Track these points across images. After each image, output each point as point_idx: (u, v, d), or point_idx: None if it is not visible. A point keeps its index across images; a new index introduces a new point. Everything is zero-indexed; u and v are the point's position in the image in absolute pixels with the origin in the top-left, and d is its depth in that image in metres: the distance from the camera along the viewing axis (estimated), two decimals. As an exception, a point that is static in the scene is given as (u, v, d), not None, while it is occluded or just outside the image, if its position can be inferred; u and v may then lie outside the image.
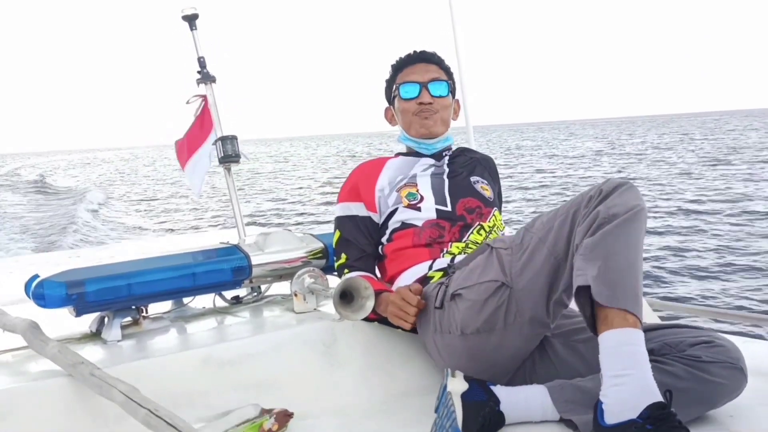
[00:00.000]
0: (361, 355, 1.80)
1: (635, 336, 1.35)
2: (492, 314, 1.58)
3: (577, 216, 1.51)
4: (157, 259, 1.93)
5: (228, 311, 2.10)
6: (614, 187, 1.48)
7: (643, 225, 1.46)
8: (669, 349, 1.50)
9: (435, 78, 2.00)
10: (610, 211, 1.44)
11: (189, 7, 2.39)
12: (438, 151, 2.04)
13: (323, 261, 2.10)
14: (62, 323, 1.90)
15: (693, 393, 1.43)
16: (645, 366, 1.33)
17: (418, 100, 1.99)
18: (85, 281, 1.74)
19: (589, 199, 1.50)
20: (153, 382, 1.54)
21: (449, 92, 2.03)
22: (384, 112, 2.14)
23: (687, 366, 1.45)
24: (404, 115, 2.03)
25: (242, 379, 1.66)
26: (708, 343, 1.49)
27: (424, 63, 2.02)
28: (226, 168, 2.35)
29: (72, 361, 1.49)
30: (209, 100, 2.39)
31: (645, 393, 1.30)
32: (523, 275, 1.57)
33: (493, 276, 1.61)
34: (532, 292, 1.56)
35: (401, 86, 2.01)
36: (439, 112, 2.00)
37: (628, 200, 1.45)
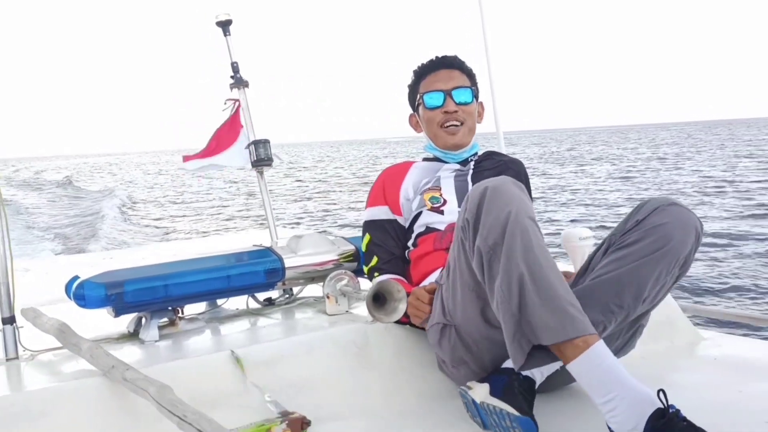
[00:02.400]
0: (393, 358, 1.81)
1: (594, 354, 1.30)
2: (453, 350, 1.65)
3: (466, 247, 1.49)
4: (193, 261, 1.96)
5: (261, 313, 2.12)
6: (478, 199, 1.43)
7: (520, 239, 1.37)
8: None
9: (459, 85, 1.98)
10: (487, 242, 1.39)
11: (223, 13, 2.44)
12: (464, 159, 2.05)
13: (355, 264, 2.12)
14: (101, 323, 1.94)
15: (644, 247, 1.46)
16: (621, 377, 1.29)
17: (443, 109, 1.97)
18: (124, 282, 1.78)
19: (464, 227, 1.48)
20: (190, 381, 1.57)
21: (473, 98, 2.01)
22: (408, 119, 2.13)
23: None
24: (429, 125, 2.02)
25: (276, 379, 1.68)
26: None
27: (446, 69, 2.00)
28: (259, 171, 2.38)
29: (105, 361, 1.52)
30: (242, 104, 2.43)
31: (639, 406, 1.26)
32: (457, 311, 1.60)
33: (437, 318, 1.68)
34: (471, 323, 1.58)
35: (425, 95, 1.99)
36: (466, 122, 1.99)
37: (498, 210, 1.39)
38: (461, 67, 2.03)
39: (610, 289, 1.48)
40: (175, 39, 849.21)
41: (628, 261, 1.48)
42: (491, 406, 1.44)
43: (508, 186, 1.43)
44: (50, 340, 1.77)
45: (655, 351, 1.99)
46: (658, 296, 1.53)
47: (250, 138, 2.38)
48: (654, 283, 1.48)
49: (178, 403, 1.27)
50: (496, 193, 1.42)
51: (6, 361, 1.72)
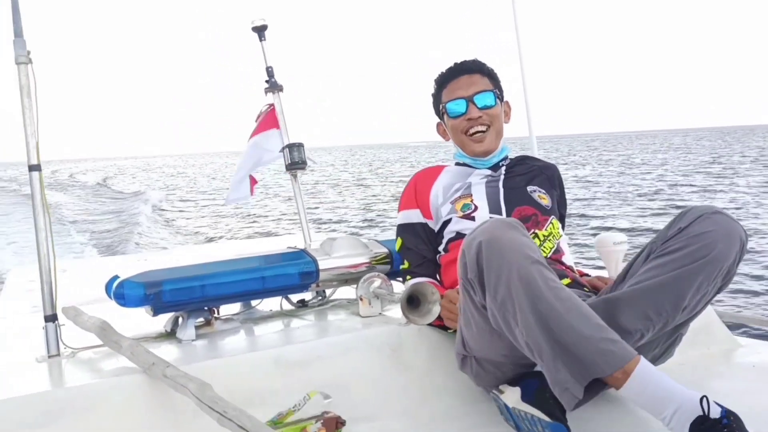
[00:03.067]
0: (426, 360, 1.82)
1: (637, 380, 1.29)
2: (476, 377, 1.65)
3: (475, 300, 1.47)
4: (229, 262, 1.99)
5: (294, 314, 2.15)
6: (475, 256, 1.40)
7: (527, 272, 1.34)
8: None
9: (479, 90, 1.96)
10: (496, 300, 1.36)
11: (258, 18, 2.47)
12: (494, 163, 2.03)
13: (388, 266, 2.13)
14: (138, 323, 1.98)
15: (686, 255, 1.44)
16: (667, 392, 1.28)
17: (466, 116, 1.96)
18: (162, 282, 1.82)
19: (470, 284, 1.45)
20: (226, 380, 1.59)
21: (496, 100, 1.99)
22: (436, 127, 2.12)
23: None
24: (455, 133, 2.01)
25: (311, 380, 1.69)
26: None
27: (466, 75, 1.99)
28: (293, 174, 2.41)
29: (145, 358, 1.55)
30: (276, 108, 2.46)
31: (685, 419, 1.26)
32: (475, 345, 1.59)
33: (457, 349, 1.68)
34: (491, 355, 1.56)
35: (447, 104, 1.98)
36: (492, 126, 1.97)
37: (498, 265, 1.36)
38: (481, 69, 2.01)
39: (649, 297, 1.46)
40: (205, 44, 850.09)
41: (669, 269, 1.46)
42: (523, 412, 1.44)
43: (501, 232, 1.39)
44: (90, 338, 1.81)
45: (691, 358, 1.97)
46: (699, 306, 1.51)
47: (285, 141, 2.40)
48: (695, 292, 1.46)
49: (218, 399, 1.29)
50: (490, 246, 1.37)
51: (48, 358, 1.76)
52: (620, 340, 1.32)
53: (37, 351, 1.79)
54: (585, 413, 1.59)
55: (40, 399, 1.49)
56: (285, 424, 1.48)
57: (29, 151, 1.79)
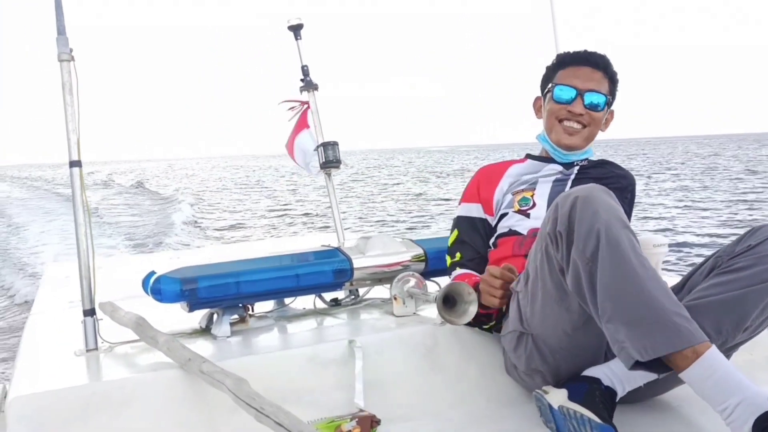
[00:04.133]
0: (462, 361, 1.80)
1: (705, 363, 1.27)
2: (528, 359, 1.63)
3: (554, 258, 1.45)
4: (263, 260, 2.00)
5: (328, 313, 2.14)
6: (569, 210, 1.40)
7: (614, 237, 1.34)
8: None
9: (594, 89, 1.87)
10: (585, 254, 1.36)
11: (294, 17, 2.48)
12: (571, 161, 1.97)
13: (422, 266, 2.11)
14: (173, 319, 1.99)
15: None
16: (735, 384, 1.26)
17: (569, 107, 1.88)
18: (198, 278, 1.82)
19: (555, 239, 1.44)
20: (261, 377, 1.59)
21: (605, 106, 1.90)
22: (533, 101, 2.03)
23: None
24: (550, 116, 1.93)
25: (345, 378, 1.69)
26: None
27: (590, 67, 1.89)
28: (327, 173, 2.41)
29: (182, 354, 1.56)
30: (311, 107, 2.47)
31: (750, 412, 1.23)
32: (536, 320, 1.56)
33: (512, 327, 1.65)
34: (551, 334, 1.54)
35: (557, 87, 1.89)
36: (587, 127, 1.90)
37: (591, 221, 1.36)
38: (606, 69, 1.91)
39: (709, 314, 1.42)
40: (243, 44, 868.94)
41: (734, 287, 1.42)
42: (571, 411, 1.41)
43: (598, 194, 1.40)
44: (127, 333, 1.83)
45: (734, 364, 1.91)
46: (761, 327, 1.47)
47: (319, 140, 2.41)
48: (759, 313, 1.42)
49: (255, 395, 1.29)
50: (586, 203, 1.38)
51: (86, 352, 1.78)
52: (694, 322, 1.30)
53: (75, 345, 1.81)
54: (631, 418, 1.56)
55: (79, 392, 1.51)
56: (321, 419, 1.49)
57: (70, 147, 1.82)
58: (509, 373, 1.76)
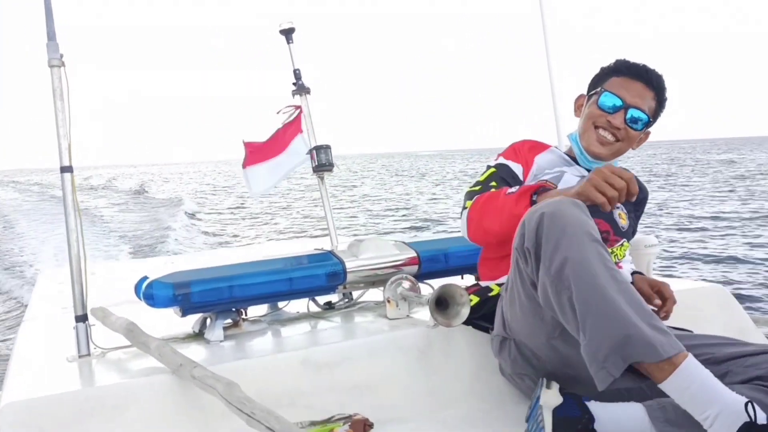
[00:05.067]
0: (455, 363, 1.80)
1: (682, 375, 1.26)
2: (513, 363, 1.64)
3: (524, 273, 1.45)
4: (257, 264, 2.00)
5: (321, 316, 2.14)
6: (535, 226, 1.38)
7: (584, 247, 1.33)
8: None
9: (641, 107, 1.82)
10: (550, 272, 1.35)
11: (286, 21, 2.49)
12: (593, 169, 1.94)
13: (415, 268, 2.12)
14: (166, 324, 1.99)
15: None
16: (713, 393, 1.25)
17: (610, 117, 1.82)
18: (191, 283, 1.83)
19: (525, 255, 1.42)
20: (254, 381, 1.59)
21: (645, 125, 1.85)
22: (576, 98, 1.98)
23: None
24: (588, 119, 1.87)
25: (339, 381, 1.69)
26: None
27: (644, 84, 1.83)
28: (320, 176, 2.41)
29: (173, 359, 1.56)
30: (304, 110, 2.47)
31: (731, 422, 1.22)
32: (516, 327, 1.56)
33: (497, 331, 1.66)
34: (531, 340, 1.54)
35: (606, 92, 1.83)
36: (620, 142, 1.84)
37: (557, 238, 1.34)
38: (658, 90, 1.85)
39: None
40: (236, 49, 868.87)
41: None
42: (540, 417, 1.42)
43: (566, 208, 1.38)
44: (119, 339, 1.82)
45: None
46: None
47: (311, 144, 2.41)
48: None
49: (246, 400, 1.29)
50: (553, 219, 1.37)
51: (79, 357, 1.78)
52: (670, 333, 1.29)
53: (68, 351, 1.81)
54: None
55: (72, 398, 1.51)
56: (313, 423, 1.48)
57: (61, 152, 1.82)
58: (503, 374, 1.77)
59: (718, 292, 2.26)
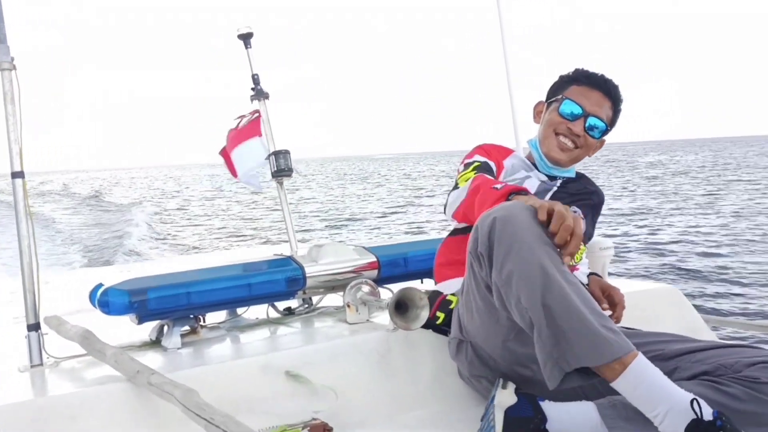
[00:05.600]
0: (415, 366, 1.81)
1: (633, 374, 1.28)
2: (470, 365, 1.66)
3: (479, 277, 1.47)
4: (215, 270, 1.98)
5: (281, 322, 2.13)
6: (488, 231, 1.40)
7: (533, 251, 1.34)
8: (725, 370, 1.44)
9: (600, 116, 1.88)
10: (501, 275, 1.37)
11: (244, 26, 2.47)
12: (553, 175, 1.98)
13: (375, 273, 2.12)
14: (123, 332, 1.96)
15: (753, 416, 1.38)
16: (663, 391, 1.28)
17: (571, 124, 1.88)
18: (148, 290, 1.80)
19: (478, 259, 1.45)
20: (213, 388, 1.57)
21: (602, 135, 1.92)
22: (535, 105, 2.03)
23: (745, 387, 1.39)
24: (548, 126, 1.93)
25: (298, 387, 1.68)
26: (766, 363, 1.43)
27: (602, 94, 1.89)
28: (279, 182, 2.40)
29: (130, 366, 1.53)
30: (263, 115, 2.46)
31: (679, 420, 1.26)
32: (472, 330, 1.59)
33: (453, 333, 1.69)
34: (487, 343, 1.57)
35: (567, 100, 1.89)
36: (579, 149, 1.90)
37: (509, 243, 1.36)
38: (616, 101, 1.91)
39: None
40: (194, 52, 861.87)
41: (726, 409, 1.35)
42: (492, 417, 1.44)
43: (518, 213, 1.40)
44: (74, 348, 1.79)
45: None
46: None
47: (270, 149, 2.40)
48: None
49: (205, 406, 1.28)
50: (505, 223, 1.38)
51: (31, 367, 1.74)
52: (620, 333, 1.32)
53: (20, 361, 1.77)
54: None
55: (23, 408, 1.47)
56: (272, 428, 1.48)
57: (12, 158, 1.78)
58: (461, 376, 1.78)
59: (670, 292, 2.32)
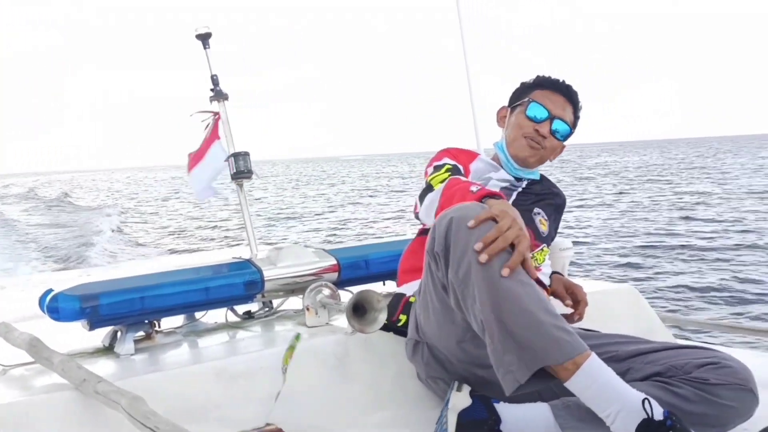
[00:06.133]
0: (373, 369, 1.80)
1: (585, 374, 1.29)
2: (427, 366, 1.66)
3: (436, 277, 1.48)
4: (171, 273, 1.94)
5: (240, 326, 2.10)
6: (444, 231, 1.41)
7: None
8: (676, 371, 1.46)
9: (565, 119, 1.93)
10: (458, 275, 1.38)
11: (202, 26, 2.43)
12: (519, 176, 2.00)
13: (335, 275, 2.10)
14: (76, 338, 1.91)
15: (702, 416, 1.40)
16: (615, 391, 1.29)
17: (538, 126, 1.91)
18: (99, 295, 1.75)
19: (435, 259, 1.45)
20: (166, 395, 1.54)
21: (564, 138, 1.96)
22: (498, 110, 2.06)
23: (695, 389, 1.41)
24: (516, 129, 1.95)
25: (255, 392, 1.66)
26: (715, 364, 1.44)
27: (565, 98, 1.94)
28: (238, 184, 2.37)
29: (77, 375, 1.49)
30: (222, 117, 2.42)
31: (630, 420, 1.27)
32: (429, 330, 1.59)
33: (410, 334, 1.69)
34: (443, 343, 1.57)
35: (533, 103, 1.92)
36: (545, 150, 1.94)
37: (465, 242, 1.36)
38: (576, 106, 1.97)
39: None
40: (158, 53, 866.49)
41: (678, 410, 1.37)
42: (445, 420, 1.43)
43: (474, 214, 1.40)
44: (22, 355, 1.74)
45: None
46: None
47: (230, 151, 2.36)
48: None
49: (151, 414, 1.25)
50: (461, 223, 1.39)
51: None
52: (574, 333, 1.32)
53: None
54: None
55: None
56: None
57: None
58: (420, 378, 1.77)
59: (627, 292, 2.34)
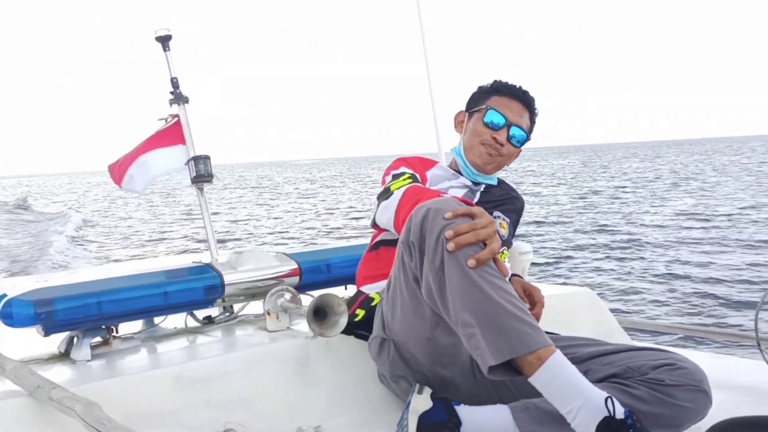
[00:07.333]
0: (334, 372, 1.80)
1: (550, 368, 1.31)
2: (391, 365, 1.67)
3: (409, 268, 1.50)
4: (129, 278, 1.92)
5: (200, 331, 2.08)
6: (421, 221, 1.43)
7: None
8: (632, 373, 1.49)
9: (522, 126, 1.95)
10: (433, 265, 1.40)
11: (162, 28, 2.41)
12: (477, 182, 2.02)
13: (296, 279, 2.10)
14: (31, 344, 1.88)
15: (658, 417, 1.43)
16: (578, 388, 1.31)
17: (495, 134, 1.92)
18: (54, 300, 1.72)
19: (409, 250, 1.48)
20: (123, 401, 1.52)
21: (521, 144, 1.98)
22: (456, 115, 2.07)
23: (651, 389, 1.44)
24: (473, 136, 1.96)
25: (214, 397, 1.64)
26: (671, 366, 1.48)
27: (522, 105, 1.96)
28: (199, 188, 2.34)
29: (30, 381, 1.47)
30: (182, 120, 2.40)
31: (591, 417, 1.29)
32: (396, 327, 1.60)
33: (375, 332, 1.70)
34: (410, 340, 1.59)
35: (491, 110, 1.93)
36: (503, 157, 1.96)
37: (440, 232, 1.39)
38: (532, 113, 1.99)
39: None
40: (119, 55, 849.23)
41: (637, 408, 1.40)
42: (406, 422, 1.44)
43: (451, 205, 1.43)
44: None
45: None
46: None
47: (190, 154, 2.34)
48: None
49: (106, 420, 1.23)
50: (438, 214, 1.42)
51: None
52: (539, 328, 1.35)
53: None
54: None
55: None
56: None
57: None
58: (381, 381, 1.78)
59: (585, 295, 2.39)
